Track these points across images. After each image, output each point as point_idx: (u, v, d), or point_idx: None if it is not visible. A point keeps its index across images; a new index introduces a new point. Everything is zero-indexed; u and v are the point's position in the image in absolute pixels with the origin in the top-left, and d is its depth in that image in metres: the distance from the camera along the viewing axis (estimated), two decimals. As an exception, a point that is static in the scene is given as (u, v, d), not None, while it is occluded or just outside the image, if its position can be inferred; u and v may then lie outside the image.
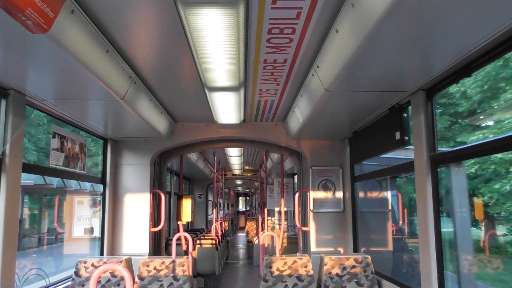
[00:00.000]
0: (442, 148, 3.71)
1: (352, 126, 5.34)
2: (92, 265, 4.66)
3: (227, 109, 4.99)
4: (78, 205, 5.89)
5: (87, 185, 6.42)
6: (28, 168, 3.97)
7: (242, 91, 4.33)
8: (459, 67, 3.07)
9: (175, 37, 3.15)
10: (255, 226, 16.67)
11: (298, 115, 5.06)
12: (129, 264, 4.74)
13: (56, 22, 2.33)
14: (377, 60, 2.97)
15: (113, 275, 4.67)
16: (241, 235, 25.12)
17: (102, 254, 5.80)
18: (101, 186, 5.89)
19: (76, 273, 4.63)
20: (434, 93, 3.59)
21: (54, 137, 4.35)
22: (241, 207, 37.53)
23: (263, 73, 4.07)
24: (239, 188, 28.28)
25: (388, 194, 6.48)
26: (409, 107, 3.93)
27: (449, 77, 3.26)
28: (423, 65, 3.14)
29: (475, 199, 6.34)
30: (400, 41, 2.64)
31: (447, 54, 2.88)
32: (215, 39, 2.92)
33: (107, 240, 5.82)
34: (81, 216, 5.83)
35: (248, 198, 34.64)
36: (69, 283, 4.62)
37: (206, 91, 4.28)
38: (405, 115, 4.03)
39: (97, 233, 5.85)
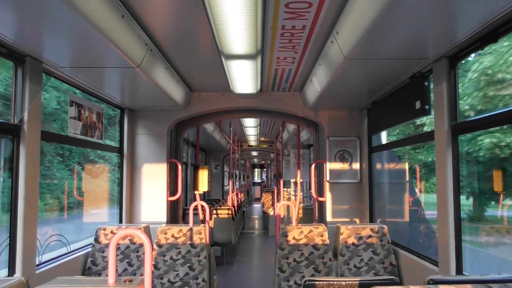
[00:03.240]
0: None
1: (371, 96, 5.24)
2: (111, 232, 4.76)
3: (243, 78, 4.93)
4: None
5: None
6: (46, 136, 4.01)
7: (259, 60, 4.26)
8: (485, 33, 2.95)
9: (191, 3, 3.09)
10: (270, 197, 16.80)
11: (316, 85, 4.98)
12: (147, 231, 4.82)
13: None
14: (399, 26, 2.87)
15: (132, 241, 4.77)
16: (257, 206, 25.41)
17: (120, 222, 5.92)
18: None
19: (96, 240, 4.73)
20: (457, 60, 3.48)
21: (71, 105, 4.37)
22: (257, 179, 37.80)
23: (281, 40, 3.98)
24: (255, 160, 28.41)
25: (406, 165, 6.41)
26: (431, 76, 3.82)
27: (474, 43, 3.14)
28: (447, 31, 3.02)
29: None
30: (424, 5, 2.53)
31: (473, 19, 2.75)
32: (233, 5, 2.85)
33: (125, 209, 5.92)
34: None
35: (264, 169, 34.82)
36: (90, 249, 4.73)
37: (223, 59, 4.22)
38: (426, 83, 3.92)
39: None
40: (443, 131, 3.54)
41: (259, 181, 36.39)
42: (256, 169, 37.75)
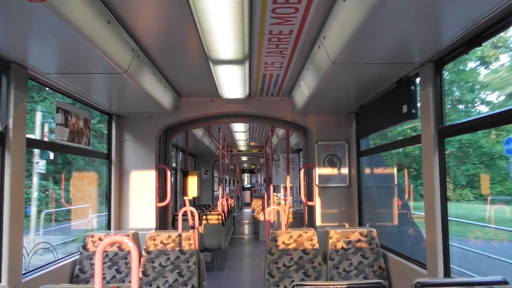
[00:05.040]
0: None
1: (358, 100, 5.28)
2: (99, 239, 4.71)
3: (232, 83, 4.94)
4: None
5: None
6: (32, 143, 3.96)
7: (247, 65, 4.27)
8: (469, 37, 2.99)
9: (178, 8, 3.08)
10: (260, 202, 16.79)
11: (304, 89, 5.00)
12: (136, 238, 4.78)
13: None
14: (385, 31, 2.90)
15: (120, 248, 4.72)
16: (247, 211, 25.34)
17: (109, 229, 5.86)
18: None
19: (84, 247, 4.68)
20: (443, 65, 3.52)
21: (58, 111, 4.33)
22: (246, 183, 37.76)
23: (268, 46, 4.00)
24: (245, 165, 28.39)
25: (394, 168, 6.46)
26: (417, 80, 3.86)
27: (459, 47, 3.18)
28: (432, 35, 3.06)
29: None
30: (409, 10, 2.56)
31: (457, 23, 2.79)
32: (219, 10, 2.85)
33: (114, 216, 5.87)
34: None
35: (254, 174, 34.82)
36: (77, 256, 4.68)
37: (211, 64, 4.22)
38: (413, 87, 3.96)
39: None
40: (430, 134, 3.57)
41: (249, 185, 36.36)
42: (245, 174, 37.72)
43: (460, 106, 15.81)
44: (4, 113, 3.37)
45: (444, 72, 3.60)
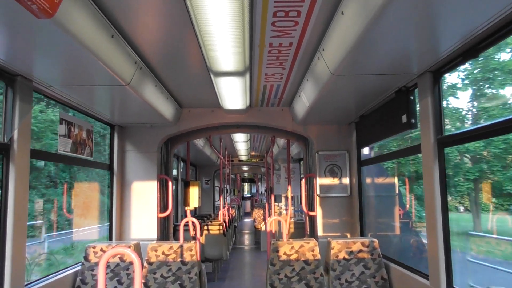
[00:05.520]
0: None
1: (358, 110, 5.32)
2: (101, 250, 4.72)
3: (232, 94, 4.98)
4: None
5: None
6: (36, 154, 4.00)
7: (247, 76, 4.32)
8: (466, 48, 3.04)
9: (180, 22, 3.14)
10: (261, 212, 16.77)
11: (304, 100, 5.05)
12: (137, 249, 4.79)
13: (61, 6, 2.33)
14: (383, 42, 2.95)
15: (122, 259, 4.73)
16: (247, 220, 25.28)
17: (110, 239, 5.87)
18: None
19: (86, 258, 4.69)
20: (441, 75, 3.56)
21: (61, 123, 4.37)
22: (246, 193, 37.60)
23: (269, 57, 4.05)
24: (245, 174, 28.31)
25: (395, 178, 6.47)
26: (416, 90, 3.90)
27: (456, 58, 3.23)
28: (429, 46, 3.10)
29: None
30: (406, 22, 2.61)
31: (454, 35, 2.84)
32: (220, 23, 2.90)
33: (116, 226, 5.89)
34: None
35: (254, 183, 34.71)
36: (79, 267, 4.69)
37: (212, 76, 4.27)
38: (412, 97, 4.00)
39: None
40: (429, 144, 3.60)
41: (249, 195, 36.23)
42: (245, 183, 37.56)
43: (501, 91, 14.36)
44: (9, 125, 3.42)
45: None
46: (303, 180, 6.71)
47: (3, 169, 3.39)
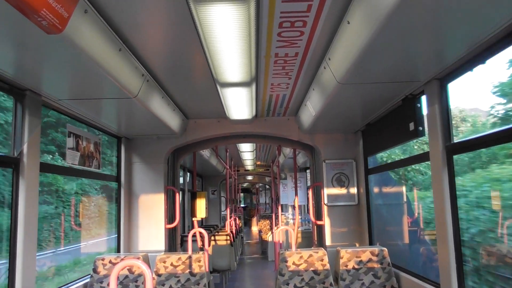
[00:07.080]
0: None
1: (365, 118, 5.31)
2: (110, 262, 4.72)
3: (239, 104, 5.00)
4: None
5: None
6: (45, 167, 4.03)
7: (253, 86, 4.33)
8: (473, 55, 3.03)
9: (186, 34, 3.17)
10: (268, 222, 16.71)
11: (310, 109, 5.05)
12: (146, 261, 4.78)
13: (70, 22, 2.36)
14: (389, 51, 2.95)
15: (130, 271, 4.72)
16: (252, 229, 25.18)
17: (118, 251, 5.87)
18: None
19: (94, 270, 4.69)
20: (448, 82, 3.55)
21: (69, 136, 4.40)
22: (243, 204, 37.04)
23: (275, 67, 4.06)
24: (244, 184, 27.87)
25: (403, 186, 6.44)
26: (423, 97, 3.90)
27: (463, 65, 3.23)
28: (436, 54, 3.10)
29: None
30: (412, 30, 2.62)
31: (461, 42, 2.84)
32: (226, 35, 2.92)
33: (124, 238, 5.89)
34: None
35: (249, 193, 34.43)
36: (88, 280, 4.68)
37: (218, 87, 4.29)
38: (419, 105, 3.99)
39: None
40: (438, 152, 3.58)
41: (243, 205, 35.68)
42: (242, 193, 36.92)
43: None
44: (19, 139, 3.45)
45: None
46: (310, 189, 6.69)
47: (13, 183, 3.41)
